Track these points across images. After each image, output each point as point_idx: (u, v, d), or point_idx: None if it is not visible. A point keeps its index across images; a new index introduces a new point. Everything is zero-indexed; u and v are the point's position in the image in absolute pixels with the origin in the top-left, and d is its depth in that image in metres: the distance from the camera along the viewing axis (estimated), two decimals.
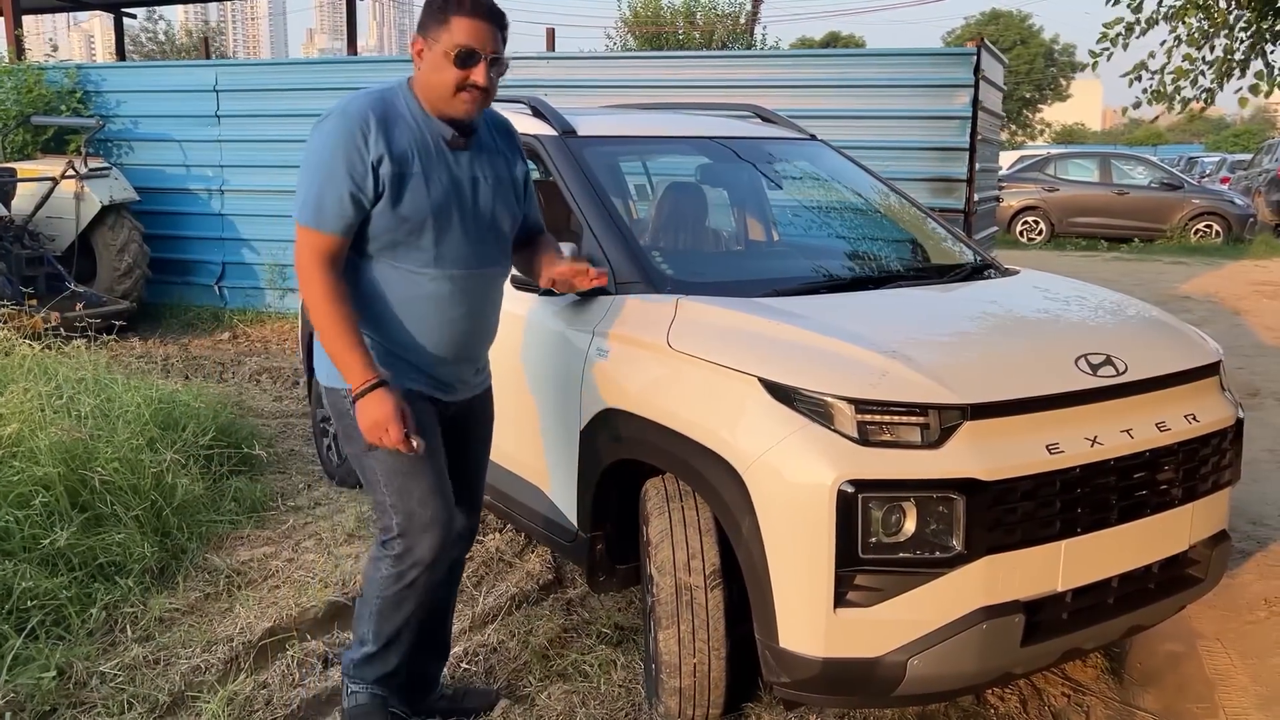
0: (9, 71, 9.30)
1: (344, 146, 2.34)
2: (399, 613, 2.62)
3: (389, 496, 2.53)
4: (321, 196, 2.35)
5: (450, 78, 2.36)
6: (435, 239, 2.45)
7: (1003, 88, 8.77)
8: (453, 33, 2.34)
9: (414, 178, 2.40)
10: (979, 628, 2.44)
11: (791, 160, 4.08)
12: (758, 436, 2.51)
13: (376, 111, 2.38)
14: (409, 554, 2.55)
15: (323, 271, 2.38)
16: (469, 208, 2.50)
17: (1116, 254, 16.08)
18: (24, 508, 3.56)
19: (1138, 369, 2.72)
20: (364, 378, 2.38)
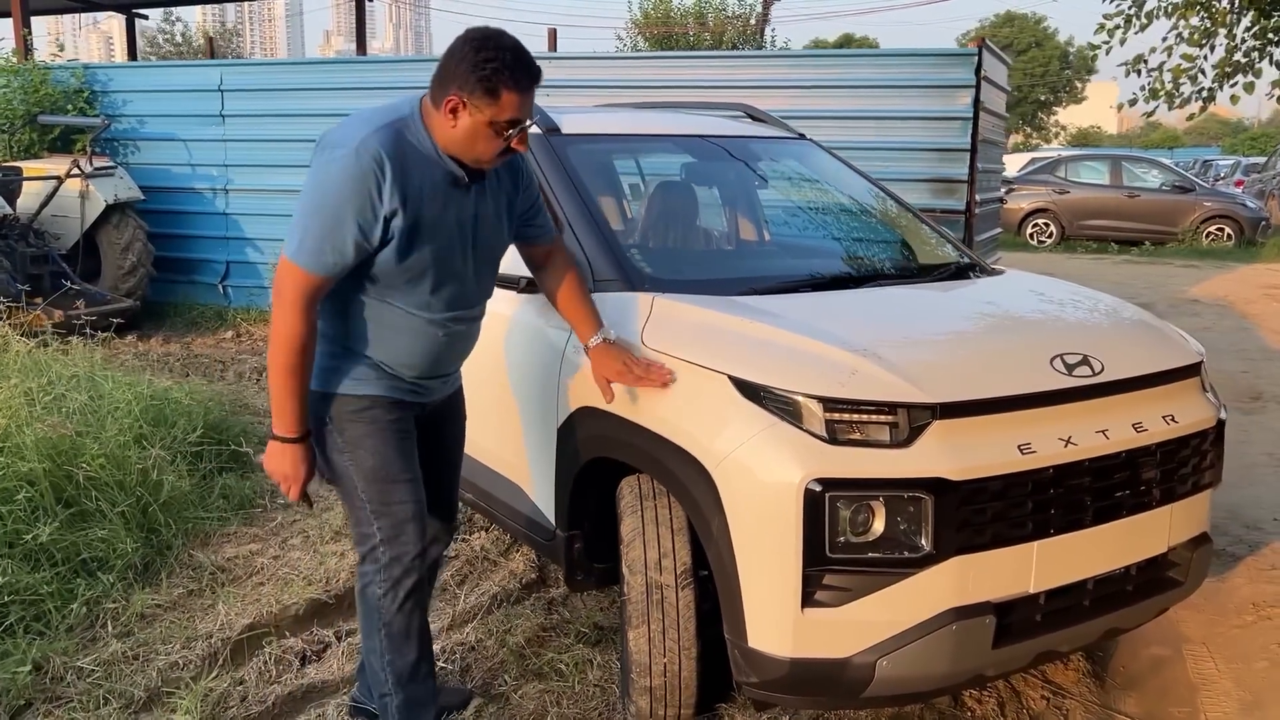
0: (16, 71, 9.37)
1: (356, 193, 2.24)
2: (409, 639, 2.55)
3: (370, 503, 2.49)
4: (323, 240, 2.26)
5: (494, 147, 2.32)
6: (433, 286, 2.42)
7: (1006, 89, 8.73)
8: (502, 108, 2.26)
9: (425, 227, 2.34)
10: (949, 629, 2.42)
11: (779, 159, 4.06)
12: (727, 435, 2.50)
13: (391, 154, 2.26)
14: (397, 561, 2.49)
15: (301, 313, 2.30)
16: (470, 249, 2.47)
17: (1127, 257, 15.99)
18: (8, 503, 3.57)
19: (1115, 369, 2.69)
20: (292, 428, 2.38)
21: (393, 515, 2.49)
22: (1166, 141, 59.68)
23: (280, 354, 2.32)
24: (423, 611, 2.58)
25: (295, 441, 2.40)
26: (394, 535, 2.49)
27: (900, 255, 3.70)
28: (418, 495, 2.53)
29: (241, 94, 9.14)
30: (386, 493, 2.48)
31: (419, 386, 2.55)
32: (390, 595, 2.51)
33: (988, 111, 7.51)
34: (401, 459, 2.50)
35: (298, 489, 2.45)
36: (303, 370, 2.35)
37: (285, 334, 2.30)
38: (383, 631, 2.53)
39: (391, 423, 2.49)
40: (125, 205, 8.66)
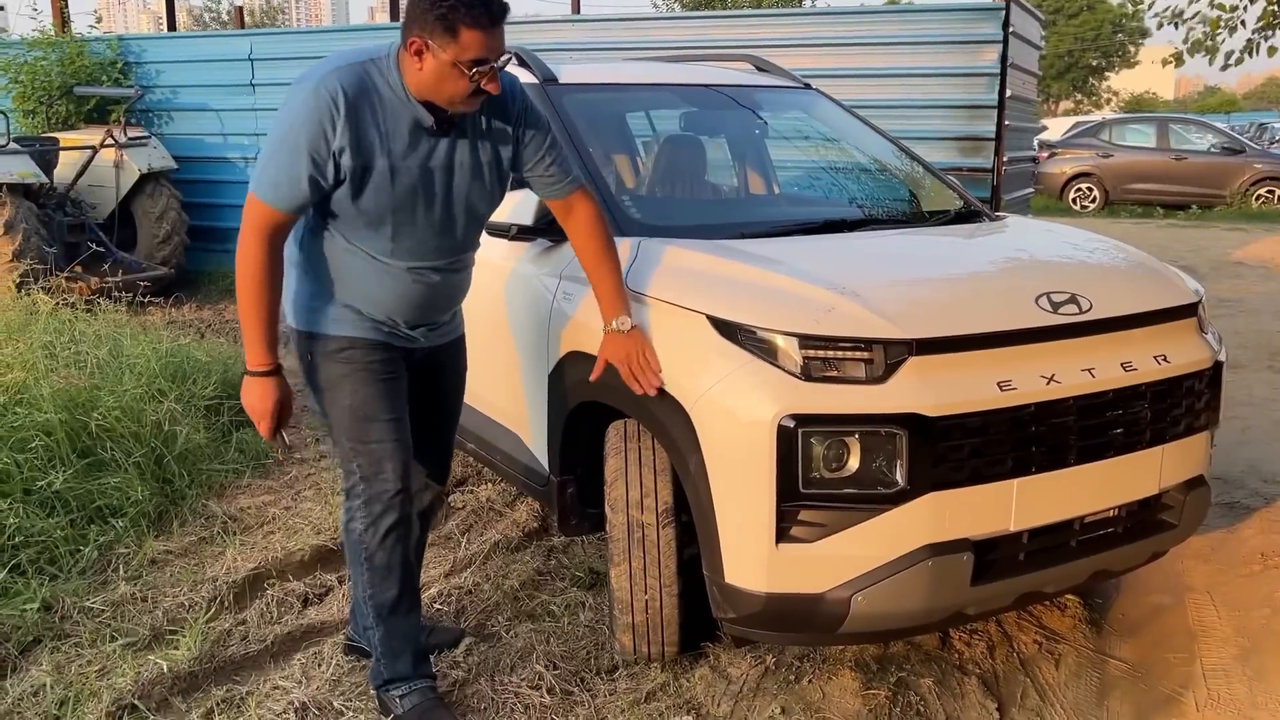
0: (54, 44, 9.53)
1: (309, 127, 2.24)
2: (390, 573, 2.56)
3: (348, 441, 2.51)
4: (279, 173, 2.28)
5: (462, 88, 2.25)
6: (393, 234, 2.40)
7: (1039, 45, 8.55)
8: (463, 46, 2.20)
9: (377, 173, 2.31)
10: (924, 565, 2.42)
11: (784, 108, 4.03)
12: (703, 373, 2.51)
13: (350, 91, 2.25)
14: (376, 499, 2.50)
15: (262, 246, 2.32)
16: (438, 199, 2.42)
17: (1172, 221, 15.64)
18: (23, 451, 3.68)
19: (1104, 308, 2.66)
20: (261, 361, 2.39)
21: (370, 453, 2.50)
22: (1224, 106, 58.14)
23: (244, 285, 2.34)
24: (405, 548, 2.57)
25: (264, 375, 2.41)
26: (372, 473, 2.50)
27: (898, 201, 3.67)
28: (397, 435, 2.51)
29: (272, 63, 9.21)
30: (364, 430, 2.49)
31: (399, 333, 2.54)
32: (370, 530, 2.53)
33: (1017, 68, 7.37)
34: (381, 400, 2.50)
35: (268, 424, 2.44)
36: (266, 303, 2.35)
37: (245, 266, 2.33)
38: (365, 566, 2.56)
39: (371, 364, 2.49)
40: (159, 174, 8.79)
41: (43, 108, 9.29)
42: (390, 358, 2.54)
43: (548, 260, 3.15)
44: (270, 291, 2.35)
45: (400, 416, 2.55)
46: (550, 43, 8.12)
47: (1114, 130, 17.83)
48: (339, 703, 2.73)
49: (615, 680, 2.83)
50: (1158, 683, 2.90)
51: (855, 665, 2.89)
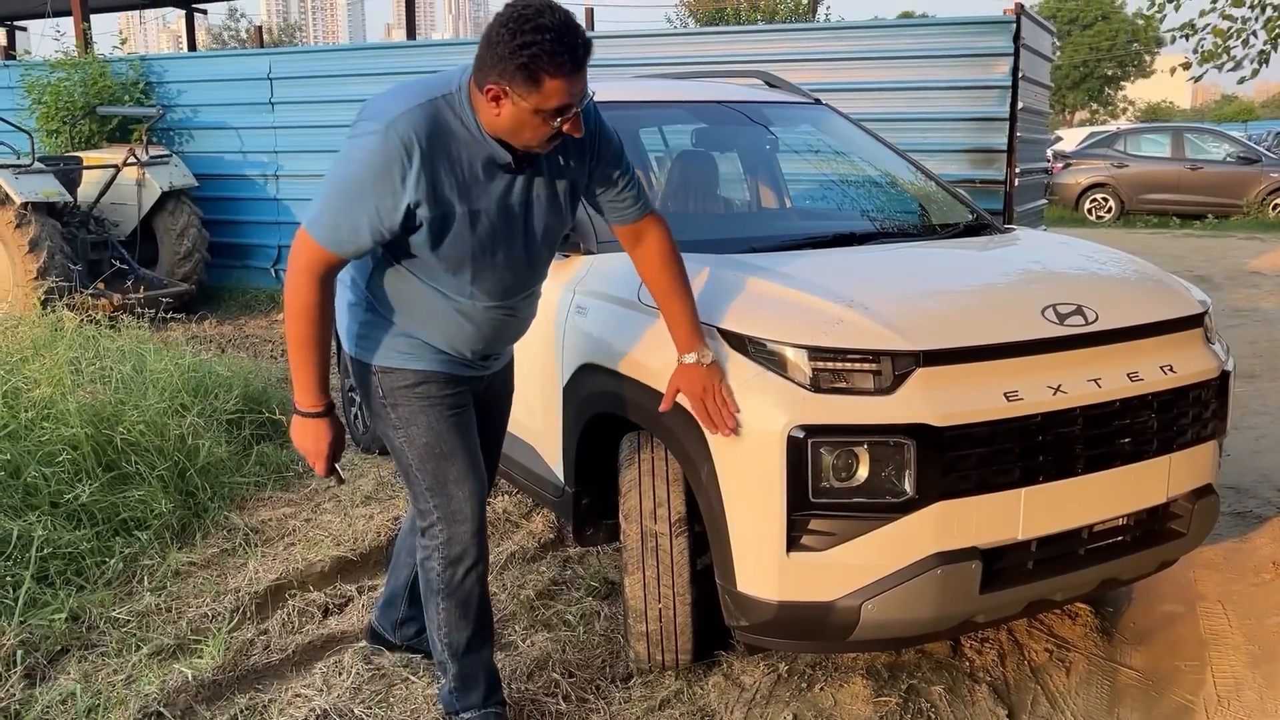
0: (77, 65, 9.69)
1: (377, 176, 2.11)
2: (467, 614, 2.52)
3: (424, 480, 2.44)
4: (339, 217, 2.16)
5: (542, 134, 2.12)
6: (473, 277, 2.30)
7: (1050, 57, 8.59)
8: (546, 94, 2.04)
9: (457, 221, 2.20)
10: (933, 573, 2.46)
11: (794, 123, 4.09)
12: None
13: (423, 138, 2.10)
14: (455, 540, 2.45)
15: (314, 285, 2.21)
16: (518, 237, 2.31)
17: (1188, 230, 15.62)
18: (50, 465, 3.76)
19: (1109, 319, 2.70)
20: (313, 402, 2.32)
21: (448, 493, 2.43)
22: (1241, 114, 57.86)
23: (293, 325, 2.24)
24: (482, 585, 2.53)
25: (317, 416, 2.33)
26: (450, 513, 2.44)
27: (907, 214, 3.71)
28: (474, 472, 2.45)
29: (290, 81, 9.35)
30: (442, 470, 2.42)
31: (473, 363, 2.48)
32: (449, 571, 2.47)
33: (1028, 80, 7.41)
34: (456, 435, 2.43)
35: (323, 464, 2.38)
36: (317, 342, 2.26)
37: (296, 304, 2.22)
38: (441, 605, 2.51)
39: (446, 398, 2.43)
40: (180, 192, 8.93)
41: (66, 127, 9.45)
42: (461, 391, 2.48)
43: (562, 274, 3.21)
44: (321, 331, 2.26)
45: (475, 451, 2.48)
46: None
47: (1129, 140, 17.82)
48: (359, 710, 2.78)
49: (630, 688, 2.87)
50: (1168, 691, 2.93)
51: (867, 673, 2.92)
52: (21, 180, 7.64)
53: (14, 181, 7.58)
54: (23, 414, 3.99)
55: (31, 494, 3.69)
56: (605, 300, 3.00)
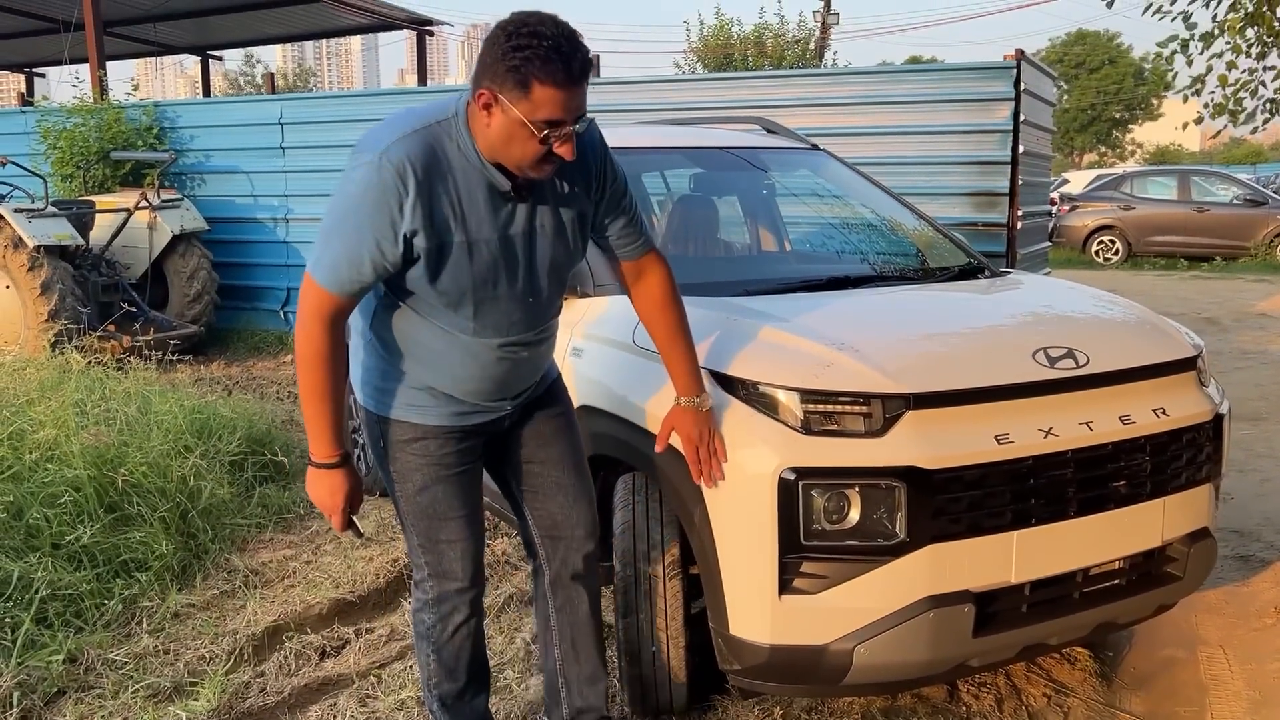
0: (92, 111, 9.85)
1: (374, 207, 2.03)
2: (457, 667, 2.49)
3: (416, 536, 2.40)
4: (339, 257, 2.09)
5: (531, 151, 2.02)
6: (474, 312, 2.20)
7: (1052, 102, 8.66)
8: (535, 103, 1.96)
9: (455, 250, 2.11)
10: (926, 616, 2.45)
11: (791, 168, 4.14)
12: None
13: (418, 165, 2.03)
14: (444, 599, 2.42)
15: (324, 331, 2.15)
16: (520, 269, 2.21)
17: (1196, 273, 15.63)
18: (53, 506, 3.78)
19: (1101, 362, 2.71)
20: (327, 453, 2.23)
21: (438, 552, 2.39)
22: (1250, 157, 58.01)
23: (305, 374, 2.18)
24: (473, 642, 2.49)
25: (331, 467, 2.24)
26: (441, 571, 2.40)
27: (902, 258, 3.74)
28: (469, 532, 2.39)
29: (301, 126, 9.48)
30: (433, 529, 2.37)
31: (481, 408, 2.36)
32: (439, 626, 2.44)
33: (1030, 124, 7.47)
34: (452, 496, 2.37)
35: (340, 519, 2.29)
36: (329, 390, 2.18)
37: (307, 353, 2.16)
38: (431, 658, 2.48)
39: (444, 456, 2.35)
40: (191, 235, 9.04)
41: (80, 172, 9.59)
42: (466, 447, 2.39)
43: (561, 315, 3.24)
44: (334, 378, 2.18)
45: (472, 511, 2.42)
46: None
47: (1135, 183, 17.89)
48: None
49: None
50: None
51: (862, 717, 2.90)
52: (35, 224, 7.75)
53: (27, 225, 7.68)
54: (27, 455, 4.02)
55: (33, 535, 3.72)
56: (601, 343, 3.03)
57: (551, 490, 2.51)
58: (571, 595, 2.56)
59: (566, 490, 2.52)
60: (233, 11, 15.76)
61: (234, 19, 16.37)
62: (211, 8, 15.42)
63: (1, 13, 15.26)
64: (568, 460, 2.53)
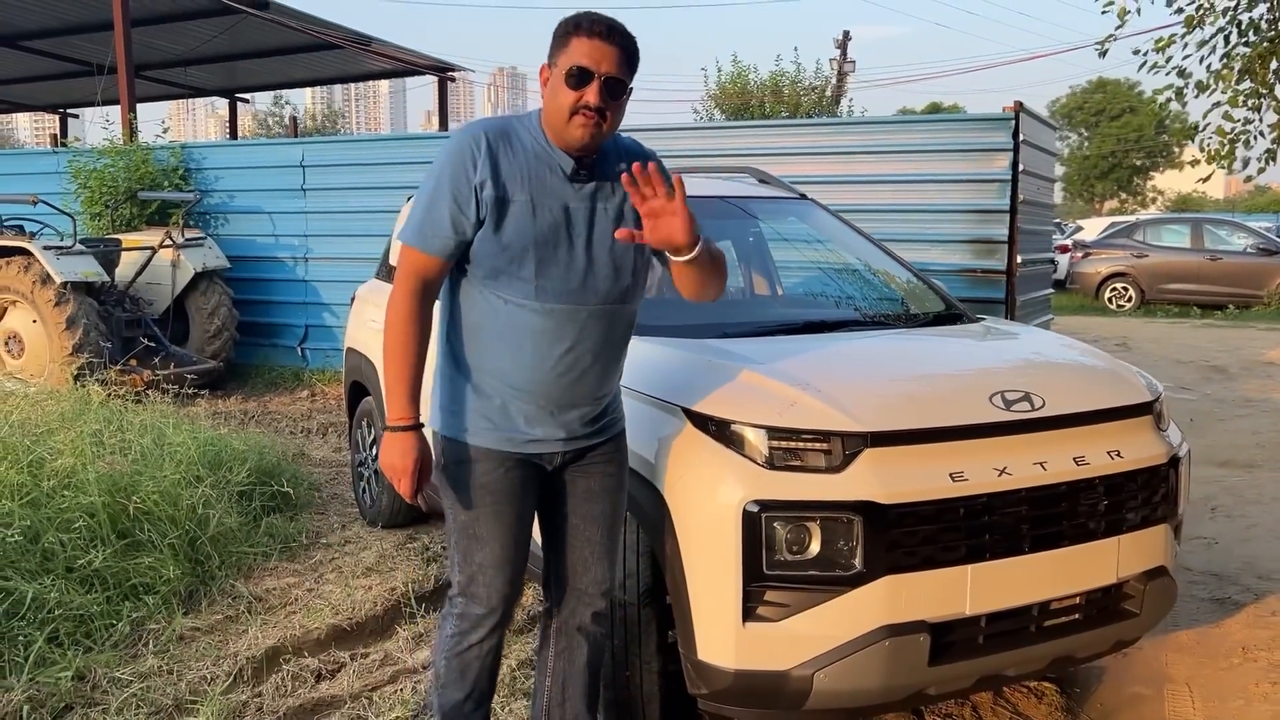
0: (121, 152, 10.18)
1: (452, 166, 2.33)
2: (462, 680, 2.58)
3: (456, 553, 2.53)
4: (425, 217, 2.34)
5: (566, 101, 2.27)
6: (536, 270, 2.35)
7: (1054, 151, 8.83)
8: (570, 54, 2.27)
9: (517, 204, 2.33)
10: (882, 644, 2.58)
11: (779, 217, 4.31)
12: (679, 462, 2.73)
13: (492, 134, 2.35)
14: (466, 615, 2.53)
15: (412, 292, 2.36)
16: (580, 241, 2.38)
17: (1208, 321, 15.67)
18: (67, 531, 3.96)
19: (1056, 405, 2.85)
20: (402, 415, 2.37)
21: (471, 574, 2.50)
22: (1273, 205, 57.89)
23: (389, 335, 2.37)
24: (483, 664, 2.58)
25: (404, 430, 2.37)
26: (468, 591, 2.51)
27: (879, 303, 3.90)
28: (503, 558, 2.49)
29: (321, 169, 9.77)
30: (470, 549, 2.49)
31: (536, 435, 2.45)
32: (456, 639, 2.56)
33: (1029, 174, 7.64)
34: (492, 521, 2.47)
35: (407, 482, 2.39)
36: (411, 353, 2.36)
37: (392, 314, 2.37)
38: (443, 663, 2.59)
39: (493, 481, 2.45)
40: (213, 273, 9.32)
41: (109, 211, 9.90)
42: (516, 477, 2.48)
43: None
44: (416, 343, 2.37)
45: (512, 539, 2.50)
46: None
47: (1149, 230, 18.00)
48: None
49: None
50: None
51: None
52: (63, 261, 8.03)
53: (55, 262, 7.97)
54: (45, 482, 4.21)
55: (49, 558, 3.89)
56: None
57: (581, 544, 2.61)
58: (572, 644, 2.67)
59: (594, 547, 2.62)
60: (262, 56, 16.25)
61: (263, 63, 16.86)
62: (241, 52, 15.92)
63: (39, 56, 15.80)
64: (605, 520, 2.63)
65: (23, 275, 8.01)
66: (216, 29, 14.40)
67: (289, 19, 13.90)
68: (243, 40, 15.09)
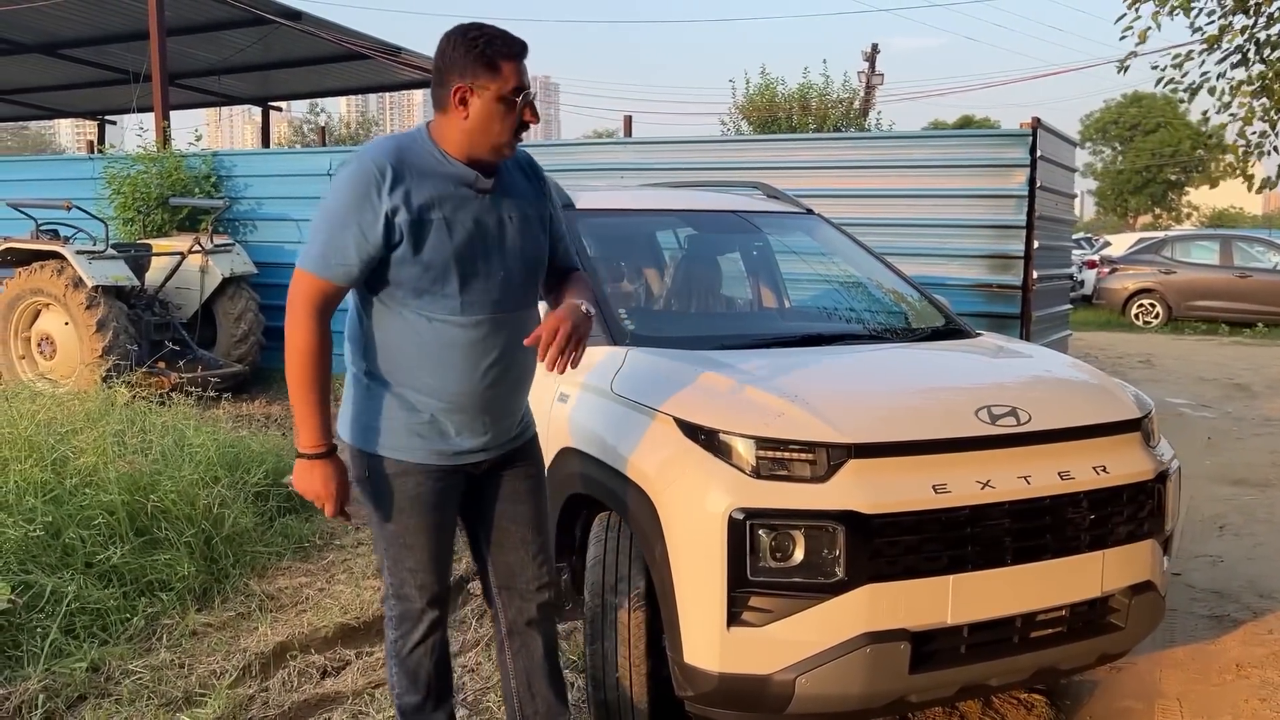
0: (154, 159, 10.41)
1: (355, 195, 2.31)
2: (417, 682, 2.66)
3: (386, 558, 2.60)
4: (327, 245, 2.33)
5: (510, 123, 2.36)
6: (460, 285, 2.40)
7: (1073, 167, 8.85)
8: (505, 78, 2.33)
9: (434, 224, 2.35)
10: (863, 651, 2.64)
11: (784, 232, 4.38)
12: (669, 469, 2.80)
13: (393, 159, 2.34)
14: (403, 617, 2.61)
15: (311, 318, 2.36)
16: (496, 251, 2.45)
17: (1237, 338, 15.53)
18: (87, 528, 4.10)
19: (1042, 420, 2.90)
20: (314, 442, 2.41)
21: (400, 577, 2.58)
22: None
23: (292, 364, 2.37)
24: (431, 660, 2.66)
25: (319, 457, 2.42)
26: (400, 593, 2.60)
27: (877, 318, 3.96)
28: (432, 563, 2.57)
29: None
30: (400, 555, 2.56)
31: (463, 445, 2.52)
32: (400, 640, 2.64)
33: (1047, 189, 7.66)
34: (419, 530, 2.54)
35: (331, 506, 2.46)
36: (316, 379, 2.38)
37: (294, 342, 2.37)
38: (395, 669, 2.68)
39: (420, 493, 2.51)
40: (240, 279, 9.49)
41: (140, 216, 10.11)
42: (442, 488, 2.55)
43: None
44: (320, 367, 2.39)
45: (438, 542, 2.59)
46: (604, 163, 8.68)
47: (1177, 246, 17.86)
48: None
49: None
50: None
51: None
52: (95, 265, 8.23)
53: (87, 266, 8.16)
54: (68, 480, 4.35)
55: (68, 554, 4.03)
56: (583, 389, 3.28)
57: (514, 545, 2.70)
58: (527, 641, 2.75)
59: (528, 546, 2.71)
60: (294, 66, 16.50)
61: (295, 72, 17.12)
62: (274, 61, 16.18)
63: (78, 64, 16.14)
64: (533, 521, 2.73)
65: (56, 279, 8.21)
66: (250, 39, 14.65)
67: (320, 29, 14.12)
68: (276, 50, 15.34)
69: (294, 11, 13.58)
